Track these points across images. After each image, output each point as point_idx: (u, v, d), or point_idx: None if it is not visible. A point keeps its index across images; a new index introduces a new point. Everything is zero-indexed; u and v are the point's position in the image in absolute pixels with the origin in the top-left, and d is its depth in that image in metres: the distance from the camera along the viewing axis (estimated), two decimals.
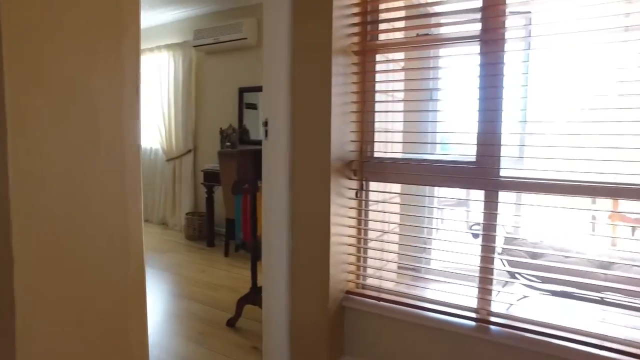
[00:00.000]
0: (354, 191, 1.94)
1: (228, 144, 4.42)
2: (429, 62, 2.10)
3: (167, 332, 2.42)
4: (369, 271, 2.00)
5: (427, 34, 2.12)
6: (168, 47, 4.84)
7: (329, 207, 1.80)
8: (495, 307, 1.69)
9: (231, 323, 2.44)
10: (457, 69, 1.76)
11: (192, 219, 4.53)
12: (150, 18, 5.07)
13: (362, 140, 1.95)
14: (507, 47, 1.60)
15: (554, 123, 1.64)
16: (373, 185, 1.97)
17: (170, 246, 4.29)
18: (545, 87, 1.65)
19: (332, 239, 1.82)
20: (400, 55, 1.98)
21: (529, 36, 1.60)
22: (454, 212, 4.03)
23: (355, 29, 1.87)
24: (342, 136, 1.86)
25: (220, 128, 4.49)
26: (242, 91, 4.48)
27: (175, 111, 4.91)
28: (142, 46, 4.40)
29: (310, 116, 1.82)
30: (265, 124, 1.87)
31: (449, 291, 1.80)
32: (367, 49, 1.88)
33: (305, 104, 1.83)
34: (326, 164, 1.79)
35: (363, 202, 1.96)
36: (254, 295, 2.36)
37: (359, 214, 1.96)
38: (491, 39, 1.58)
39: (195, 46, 4.58)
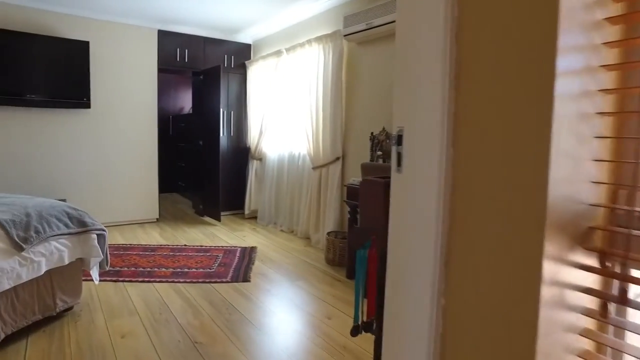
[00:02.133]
0: (600, 301, 0.85)
1: (379, 153, 3.56)
2: None
3: None
4: None
5: None
6: (318, 39, 4.24)
7: (535, 335, 0.77)
8: None
9: None
10: None
11: (334, 241, 3.83)
12: (300, 11, 4.57)
13: (619, 184, 0.84)
14: None
15: None
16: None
17: (306, 271, 3.67)
18: None
19: None
20: None
21: None
22: None
23: None
24: (574, 170, 0.80)
25: (372, 133, 3.67)
26: None
27: (324, 112, 4.29)
28: (293, 41, 3.83)
29: (498, 124, 0.81)
30: (398, 140, 0.93)
31: None
32: None
33: (485, 99, 0.83)
34: (534, 227, 0.76)
35: (613, 327, 0.85)
36: None
37: (600, 349, 0.85)
38: None
39: (345, 35, 3.85)
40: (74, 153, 4.84)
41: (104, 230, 2.83)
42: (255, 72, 5.57)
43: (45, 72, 4.49)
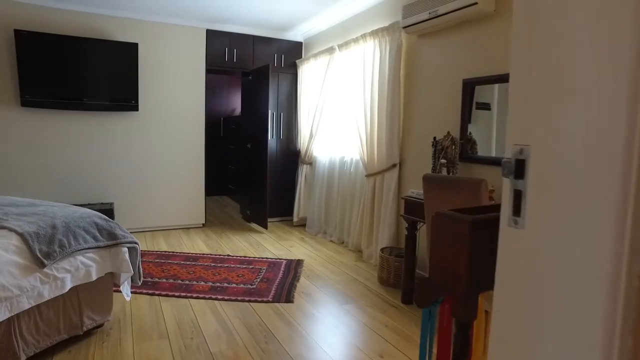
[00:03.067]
0: None
1: (443, 161, 3.09)
2: None
3: None
4: None
5: None
6: (373, 34, 3.83)
7: None
8: None
9: None
10: None
11: (389, 259, 3.40)
12: (354, 4, 4.17)
13: None
14: None
15: None
16: None
17: (356, 292, 3.26)
18: None
19: None
20: None
21: None
22: None
23: None
24: None
25: (434, 138, 3.20)
26: (468, 85, 3.07)
27: (379, 113, 3.86)
28: (346, 37, 3.43)
29: None
30: (517, 169, 0.52)
31: None
32: None
33: None
34: None
35: None
36: None
37: None
38: None
39: (405, 27, 3.41)
40: (122, 156, 4.78)
41: (136, 243, 2.60)
42: (307, 72, 5.25)
43: (96, 75, 4.44)
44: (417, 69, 3.59)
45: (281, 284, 3.37)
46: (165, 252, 4.17)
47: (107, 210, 4.42)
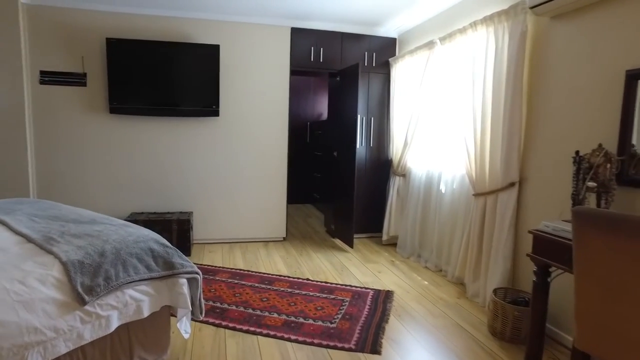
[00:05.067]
0: None
1: (590, 184, 2.26)
2: None
3: None
4: None
5: None
6: (486, 20, 3.08)
7: None
8: None
9: None
10: None
11: (505, 306, 2.64)
12: None
13: None
14: None
15: None
16: None
17: (461, 345, 2.56)
18: None
19: None
20: None
21: None
22: None
23: None
24: None
25: (576, 152, 2.37)
26: (634, 78, 2.22)
27: (493, 119, 3.11)
28: (450, 28, 2.55)
29: None
30: None
31: None
32: None
33: None
34: None
35: None
36: None
37: None
38: None
39: (533, 7, 2.62)
40: (202, 164, 4.57)
41: (196, 274, 2.21)
42: (401, 71, 4.61)
43: (177, 80, 4.28)
44: (548, 61, 2.78)
45: (366, 325, 2.79)
46: (241, 270, 3.83)
47: (185, 220, 4.22)
